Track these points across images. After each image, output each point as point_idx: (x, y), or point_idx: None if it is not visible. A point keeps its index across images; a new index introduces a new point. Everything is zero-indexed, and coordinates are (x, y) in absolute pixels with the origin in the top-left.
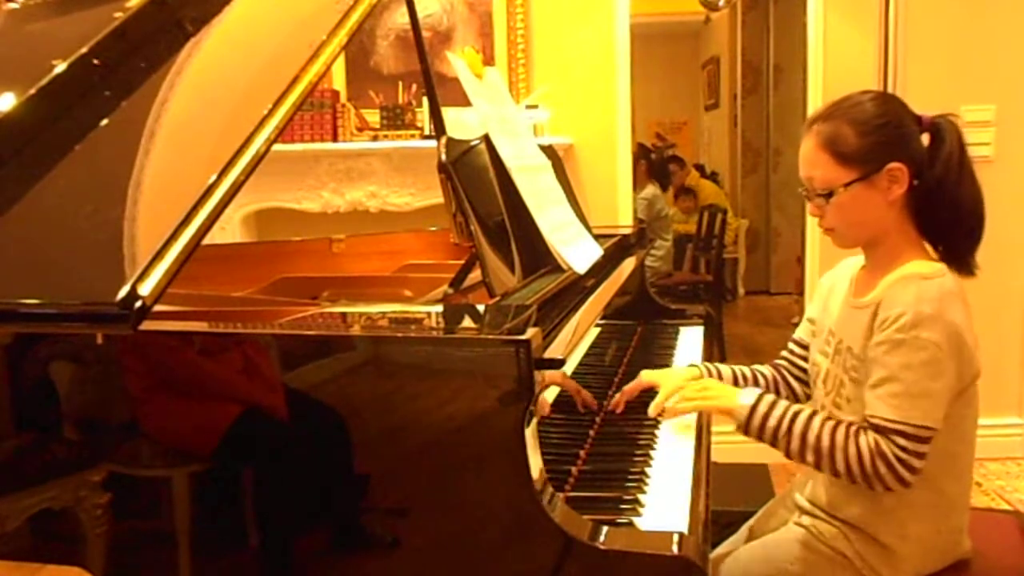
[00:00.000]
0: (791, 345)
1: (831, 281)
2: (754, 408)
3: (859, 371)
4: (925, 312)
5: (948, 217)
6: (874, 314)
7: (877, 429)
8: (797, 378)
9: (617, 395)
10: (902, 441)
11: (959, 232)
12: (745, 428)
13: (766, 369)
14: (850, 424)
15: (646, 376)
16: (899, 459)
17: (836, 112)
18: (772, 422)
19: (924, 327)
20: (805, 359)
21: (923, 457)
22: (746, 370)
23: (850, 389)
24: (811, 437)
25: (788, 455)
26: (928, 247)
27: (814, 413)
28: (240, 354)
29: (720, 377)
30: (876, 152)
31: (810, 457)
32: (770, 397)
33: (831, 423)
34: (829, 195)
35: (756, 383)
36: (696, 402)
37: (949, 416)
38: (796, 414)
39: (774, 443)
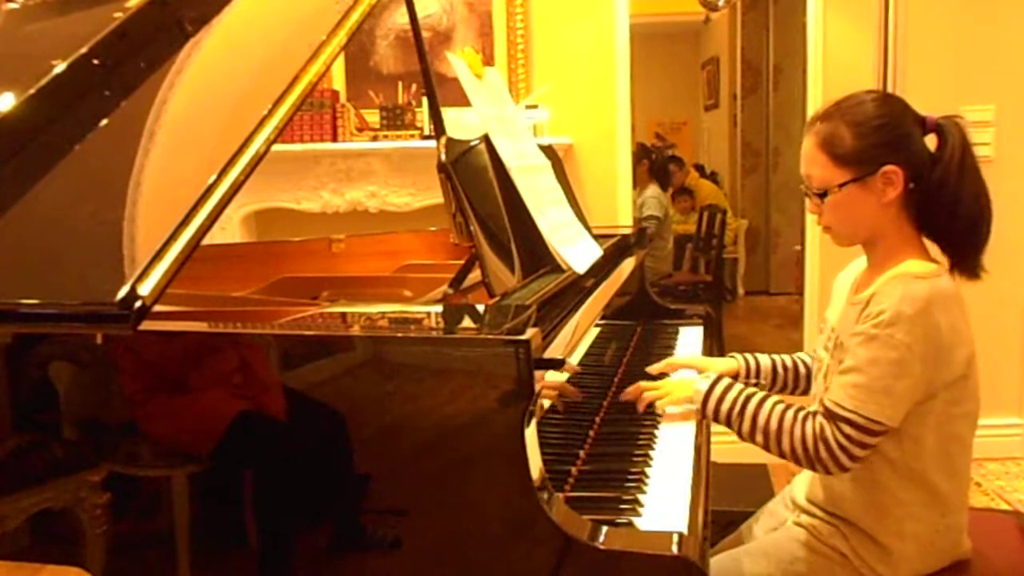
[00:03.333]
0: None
1: (841, 281)
2: (710, 391)
3: None
4: (905, 312)
5: (947, 219)
6: (863, 309)
7: (829, 413)
8: None
9: (664, 364)
10: (848, 429)
11: (958, 234)
12: (703, 412)
13: (807, 356)
14: (800, 408)
15: (692, 360)
16: (840, 446)
17: (836, 112)
18: (726, 404)
19: (900, 327)
20: None
21: (867, 448)
22: (787, 359)
23: None
24: (761, 419)
25: (740, 436)
26: (928, 247)
27: (766, 396)
28: (240, 354)
29: (759, 367)
30: (872, 154)
31: (759, 438)
32: (726, 380)
33: (781, 406)
34: (824, 194)
35: (796, 371)
36: (659, 391)
37: (937, 414)
38: (749, 396)
39: (728, 424)
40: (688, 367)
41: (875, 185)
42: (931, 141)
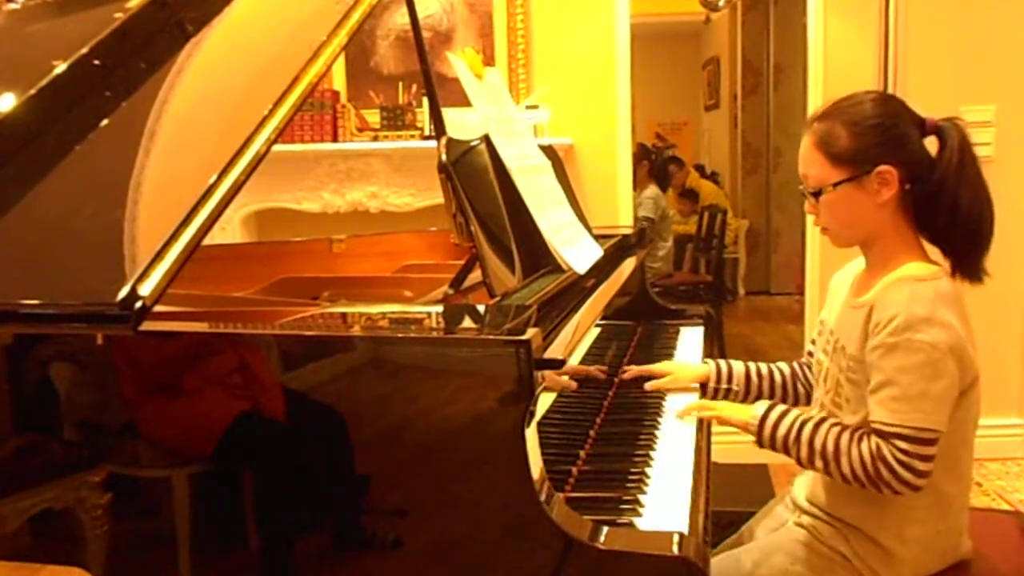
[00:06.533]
0: (809, 345)
1: (838, 282)
2: (764, 419)
3: (855, 372)
4: (918, 314)
5: (947, 221)
6: (868, 316)
7: (879, 433)
8: None
9: (632, 369)
10: (903, 444)
11: (959, 237)
12: (758, 439)
13: (785, 366)
14: (856, 429)
15: (661, 365)
16: (901, 462)
17: (833, 111)
18: (782, 431)
19: (917, 329)
20: None
21: (928, 460)
22: (763, 367)
23: (848, 390)
24: (818, 443)
25: (800, 463)
26: (927, 249)
27: (822, 420)
28: (241, 355)
29: (731, 373)
30: (867, 153)
31: (819, 463)
32: (781, 407)
33: (836, 429)
34: (820, 193)
35: (772, 379)
36: (713, 412)
37: (950, 419)
38: (804, 422)
39: (786, 451)
40: (657, 373)
41: (870, 185)
42: (933, 144)
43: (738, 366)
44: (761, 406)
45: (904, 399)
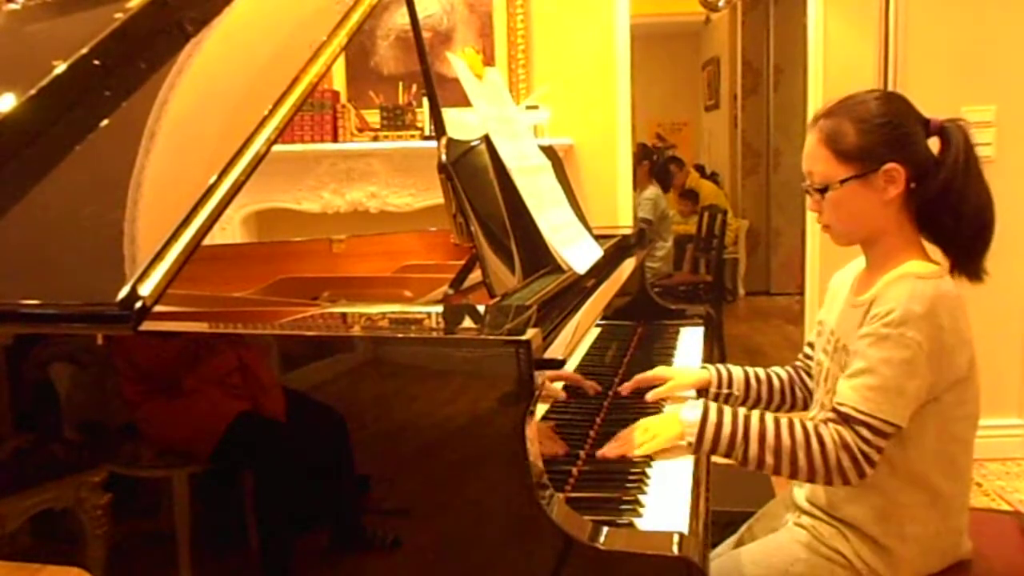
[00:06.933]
0: (806, 348)
1: (838, 282)
2: (704, 420)
3: None
4: (915, 311)
5: (951, 221)
6: (867, 311)
7: (844, 418)
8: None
9: (632, 381)
10: (866, 433)
11: (962, 237)
12: (698, 443)
13: (782, 370)
14: (807, 420)
15: (659, 371)
16: (862, 451)
17: (840, 109)
18: (726, 429)
19: (911, 326)
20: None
21: (882, 451)
22: (760, 371)
23: None
24: (769, 438)
25: (745, 462)
26: (928, 248)
27: (763, 413)
28: (240, 355)
29: (731, 379)
30: (874, 151)
31: (769, 459)
32: (714, 405)
33: (785, 421)
34: (825, 190)
35: (770, 383)
36: (646, 447)
37: (939, 416)
38: (748, 417)
39: (730, 451)
40: (656, 379)
41: (877, 183)
42: (934, 145)
43: (737, 371)
44: (691, 409)
45: (881, 390)
